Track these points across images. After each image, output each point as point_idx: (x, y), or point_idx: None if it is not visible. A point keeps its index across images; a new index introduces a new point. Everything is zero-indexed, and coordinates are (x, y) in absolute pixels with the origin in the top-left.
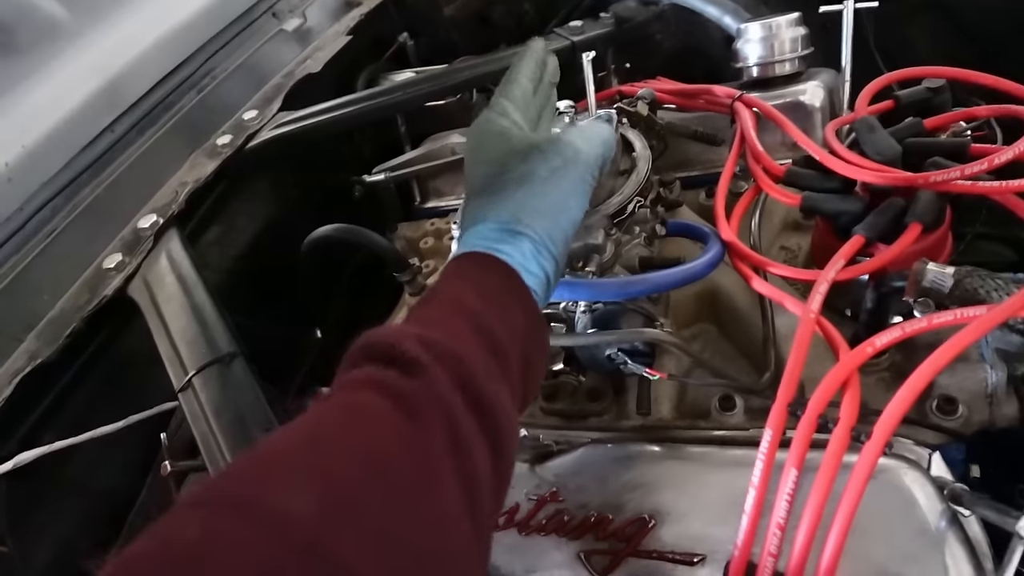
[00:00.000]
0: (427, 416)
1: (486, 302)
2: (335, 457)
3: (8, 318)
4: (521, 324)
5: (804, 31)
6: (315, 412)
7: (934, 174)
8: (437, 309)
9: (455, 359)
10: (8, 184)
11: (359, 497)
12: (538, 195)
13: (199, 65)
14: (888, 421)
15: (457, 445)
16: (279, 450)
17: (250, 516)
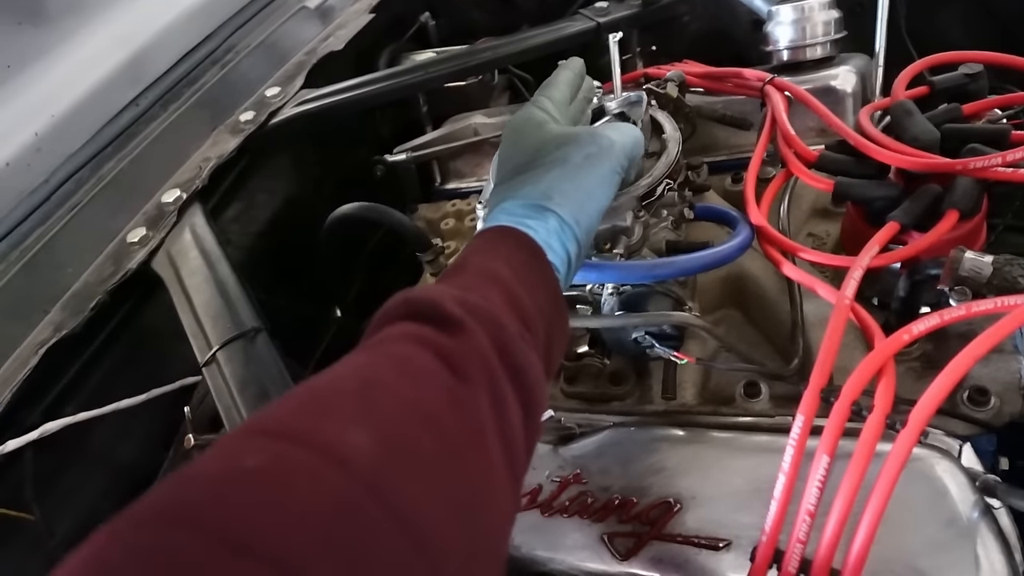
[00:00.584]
0: (472, 375)
1: (516, 275)
2: (388, 403)
3: (34, 290)
4: (544, 302)
5: (837, 14)
6: (364, 358)
7: (974, 160)
8: (471, 277)
9: (494, 323)
10: (37, 154)
11: (413, 443)
12: (570, 179)
13: (222, 40)
14: (924, 410)
15: (498, 405)
16: (334, 390)
17: (314, 447)
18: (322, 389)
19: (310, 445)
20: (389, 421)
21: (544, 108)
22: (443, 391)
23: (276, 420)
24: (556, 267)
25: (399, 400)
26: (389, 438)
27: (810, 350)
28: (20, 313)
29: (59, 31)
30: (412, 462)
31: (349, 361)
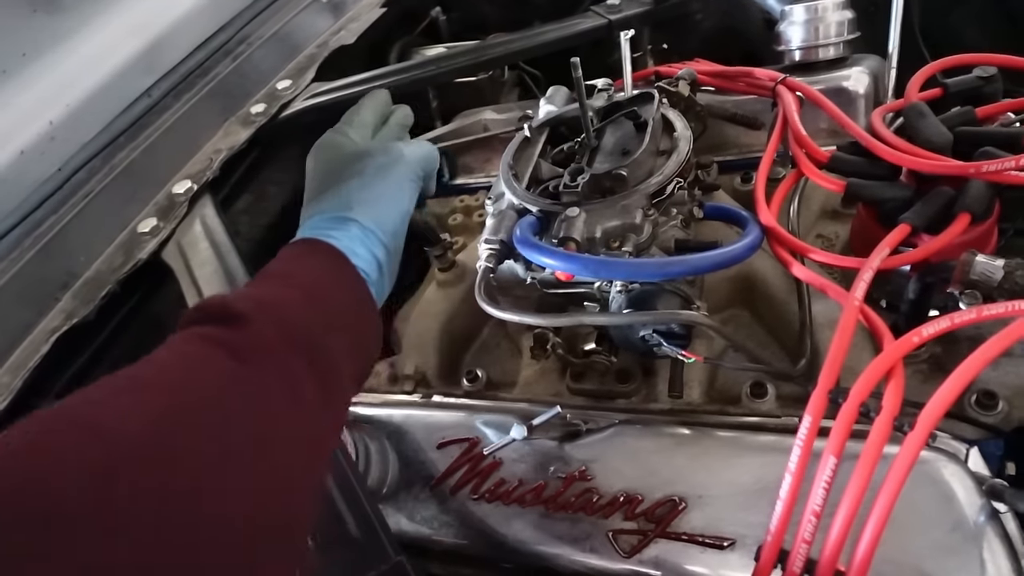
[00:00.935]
0: (254, 358)
1: (315, 279)
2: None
3: (45, 277)
4: (349, 301)
5: (851, 15)
6: (149, 360)
7: (988, 163)
8: (268, 281)
9: (280, 313)
10: (51, 142)
11: (195, 423)
12: (366, 188)
13: (235, 32)
14: (933, 412)
15: (287, 381)
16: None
17: (82, 428)
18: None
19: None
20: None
21: (343, 132)
22: (220, 373)
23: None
24: (363, 269)
25: (172, 384)
26: (168, 421)
27: (817, 351)
28: (32, 300)
29: (74, 19)
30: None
31: (135, 365)
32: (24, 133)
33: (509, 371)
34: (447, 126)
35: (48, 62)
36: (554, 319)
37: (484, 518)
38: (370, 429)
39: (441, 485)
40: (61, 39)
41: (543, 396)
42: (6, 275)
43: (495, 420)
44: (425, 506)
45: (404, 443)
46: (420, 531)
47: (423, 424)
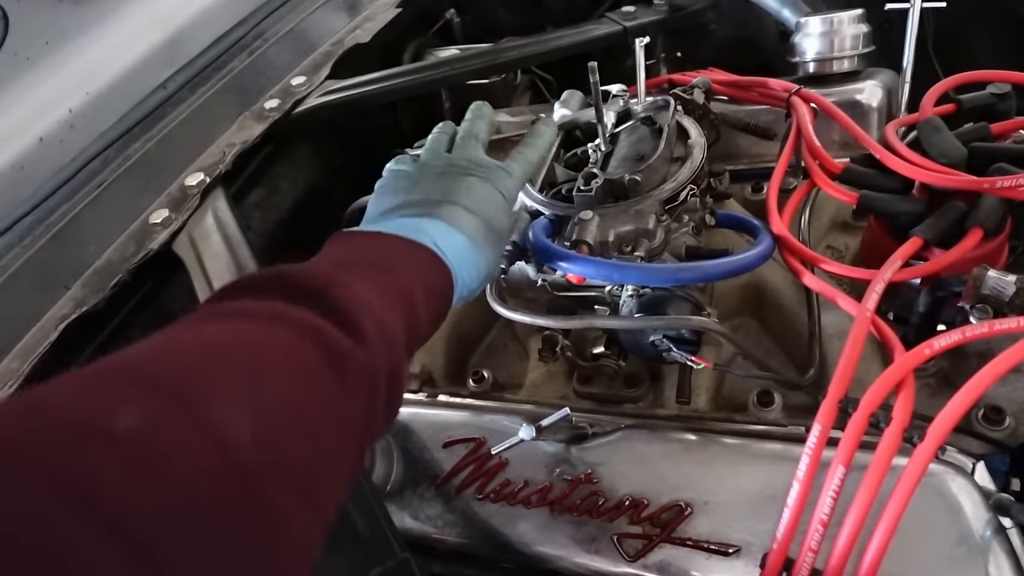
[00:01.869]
0: (356, 388)
1: (418, 295)
2: (272, 395)
3: (56, 265)
4: (435, 323)
5: (866, 28)
6: (258, 331)
7: (1002, 179)
8: (378, 288)
9: (395, 348)
10: (71, 131)
11: (288, 447)
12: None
13: (251, 27)
14: (943, 425)
15: (369, 420)
16: (223, 358)
17: (196, 419)
18: (212, 349)
19: (193, 418)
20: (271, 417)
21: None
22: (326, 399)
23: (159, 371)
24: (456, 275)
25: (285, 398)
26: (268, 435)
27: (825, 361)
28: (43, 286)
29: (99, 9)
30: (285, 461)
31: (241, 326)
32: (44, 120)
33: (515, 373)
34: None
35: (71, 51)
36: (565, 321)
37: (489, 518)
38: None
39: (446, 484)
40: (85, 29)
41: (550, 398)
42: (18, 262)
43: (501, 421)
44: (429, 504)
45: (409, 441)
46: (424, 529)
47: (429, 423)
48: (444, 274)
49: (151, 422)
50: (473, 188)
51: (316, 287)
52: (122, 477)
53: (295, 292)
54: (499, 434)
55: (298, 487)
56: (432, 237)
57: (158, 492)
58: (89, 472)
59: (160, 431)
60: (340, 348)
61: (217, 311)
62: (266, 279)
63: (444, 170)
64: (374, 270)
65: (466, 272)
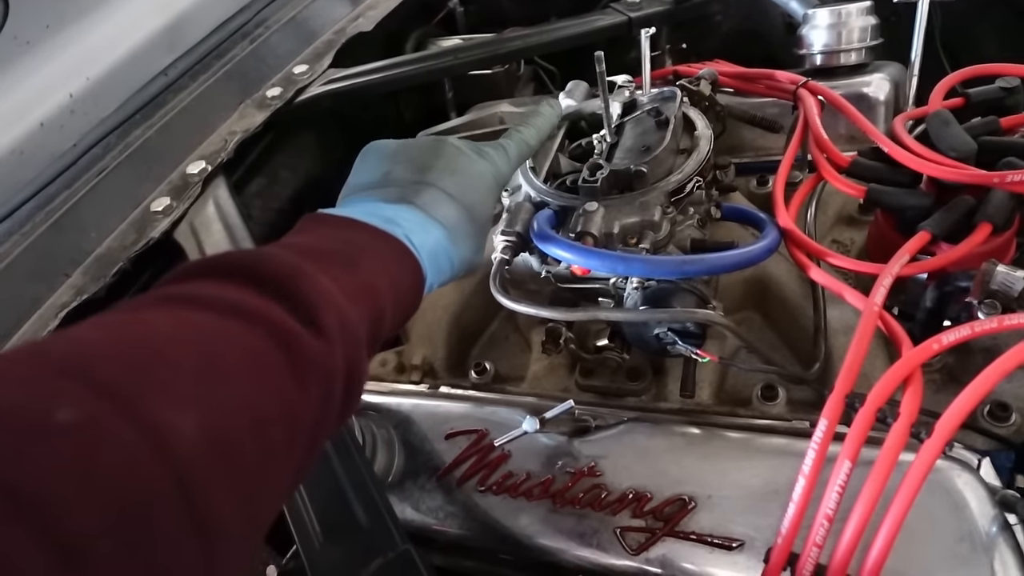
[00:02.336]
0: (311, 386)
1: (395, 295)
2: (223, 392)
3: (56, 252)
4: (402, 319)
5: (874, 21)
6: (212, 324)
7: (1012, 173)
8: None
9: (356, 346)
10: (71, 116)
11: (236, 447)
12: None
13: (253, 14)
14: (950, 420)
15: (323, 418)
16: (173, 356)
17: (137, 421)
18: (163, 341)
19: (133, 416)
20: (219, 415)
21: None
22: (279, 397)
23: (103, 367)
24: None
25: (236, 396)
26: (214, 436)
27: (830, 356)
28: (43, 274)
29: None
30: (228, 468)
31: (198, 316)
32: (45, 105)
33: (517, 365)
34: (463, 117)
35: (72, 35)
36: (570, 313)
37: (490, 510)
38: (377, 417)
39: (447, 476)
40: (85, 12)
41: (552, 391)
42: (17, 249)
43: (503, 413)
44: (431, 496)
45: (411, 433)
46: (425, 521)
47: (430, 414)
48: (414, 271)
49: (88, 420)
50: (460, 166)
51: (281, 277)
52: (55, 477)
53: (259, 281)
54: (501, 426)
55: (240, 488)
56: (406, 230)
57: (91, 495)
58: (22, 471)
59: (96, 431)
60: (299, 344)
61: (175, 295)
62: (231, 263)
63: (432, 143)
64: (341, 264)
65: (438, 266)
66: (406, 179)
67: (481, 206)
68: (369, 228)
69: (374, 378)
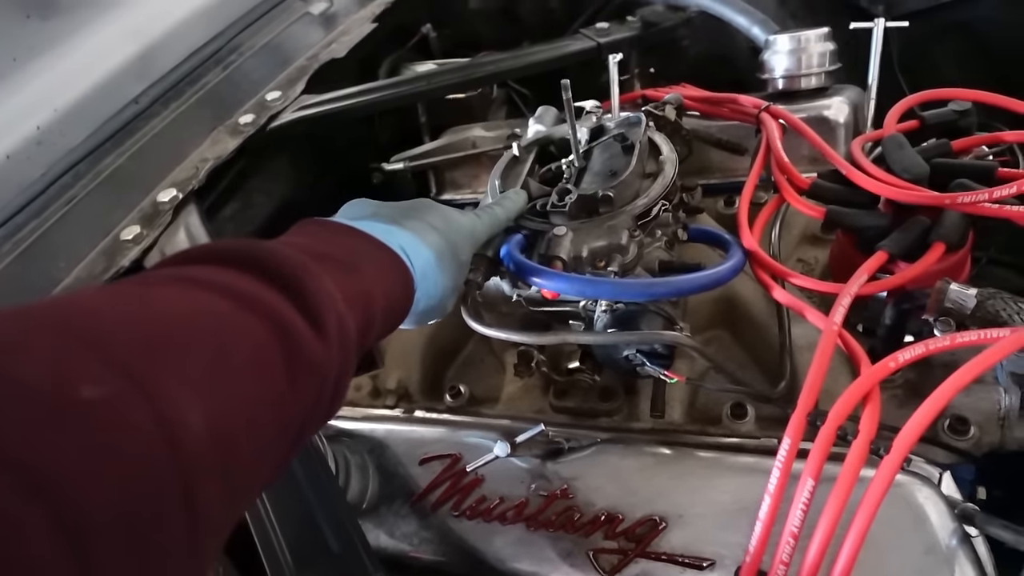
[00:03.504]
0: (304, 386)
1: (387, 304)
2: (230, 386)
3: (25, 282)
4: (388, 330)
5: (833, 46)
6: (223, 310)
7: (963, 195)
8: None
9: (349, 352)
10: (38, 147)
11: (236, 445)
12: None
13: (226, 41)
14: (908, 436)
15: (309, 419)
16: (187, 338)
17: (154, 409)
18: (173, 325)
19: (151, 402)
20: (224, 411)
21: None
22: (274, 396)
23: (122, 343)
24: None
25: (241, 391)
26: (217, 432)
27: (796, 373)
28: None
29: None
30: (225, 466)
31: (210, 300)
32: (10, 137)
33: (492, 387)
34: (436, 141)
35: (39, 67)
36: (539, 337)
37: (465, 535)
38: (351, 443)
39: (422, 501)
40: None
41: (526, 413)
42: None
43: (477, 436)
44: (405, 522)
45: (385, 458)
46: (399, 547)
47: (405, 439)
48: (406, 283)
49: (108, 402)
50: (443, 211)
51: (290, 273)
52: (73, 463)
53: (269, 273)
54: (475, 450)
55: (228, 482)
56: (400, 242)
57: (106, 482)
58: (43, 450)
59: (116, 415)
60: (302, 344)
61: (186, 276)
62: (240, 251)
63: (416, 203)
64: (341, 266)
65: (428, 286)
66: (394, 214)
67: (461, 247)
68: (368, 237)
69: (349, 403)
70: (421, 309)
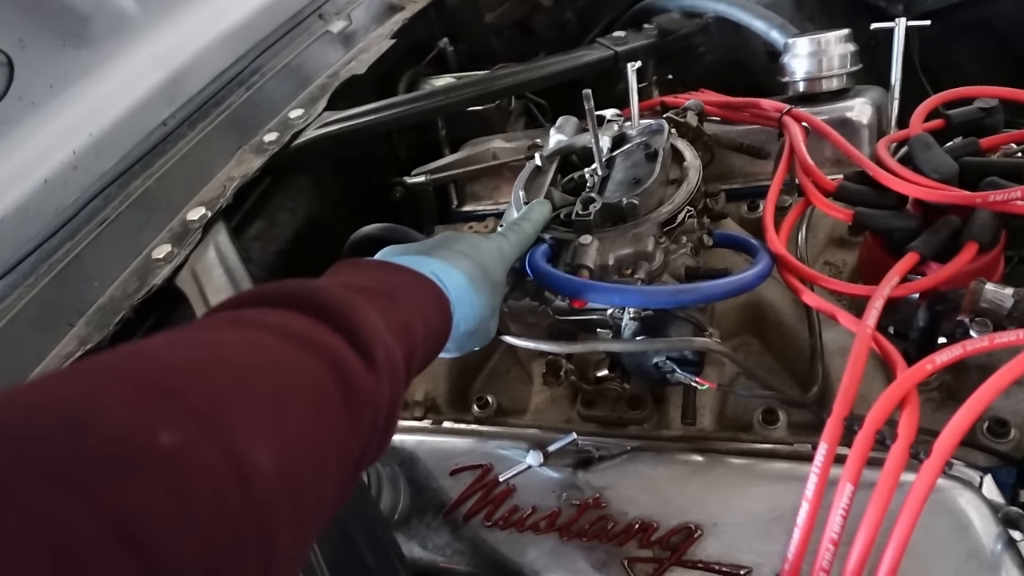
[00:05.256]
0: (360, 419)
1: (426, 336)
2: (293, 425)
3: (60, 303)
4: (428, 360)
5: (853, 47)
6: (280, 353)
7: (994, 193)
8: (388, 318)
9: (398, 373)
10: (73, 171)
11: (302, 483)
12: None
13: (249, 62)
14: (948, 439)
15: (365, 450)
16: (250, 383)
17: (227, 452)
18: (240, 367)
19: (224, 447)
20: (290, 450)
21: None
22: (335, 431)
23: (194, 388)
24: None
25: (304, 429)
26: (286, 470)
27: (828, 378)
28: (47, 325)
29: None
30: (294, 505)
31: (266, 342)
32: (48, 162)
33: (519, 398)
34: (456, 154)
35: (74, 93)
36: (569, 346)
37: (497, 545)
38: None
39: (454, 512)
40: (88, 71)
41: (554, 423)
42: (22, 301)
43: (507, 446)
44: (438, 533)
45: (416, 470)
46: (432, 559)
47: (435, 450)
48: (444, 310)
49: (187, 449)
50: (468, 238)
51: (338, 309)
52: (159, 507)
53: (318, 310)
54: (505, 460)
55: (298, 522)
56: (432, 268)
57: (187, 527)
58: (130, 499)
59: (194, 458)
60: (356, 379)
61: (241, 319)
62: (289, 292)
63: (442, 236)
64: (383, 299)
65: (464, 309)
66: (423, 248)
67: (492, 268)
68: (403, 269)
69: None
70: (461, 333)
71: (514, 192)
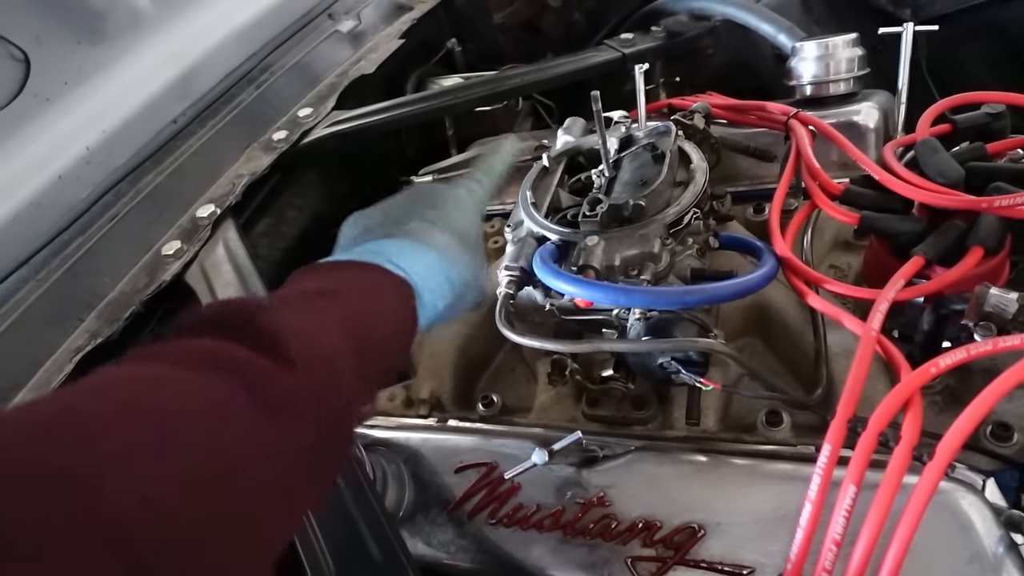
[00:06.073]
0: (283, 415)
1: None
2: (187, 445)
3: (71, 297)
4: (394, 342)
5: (861, 51)
6: (167, 379)
7: (1000, 198)
8: (318, 318)
9: (326, 371)
10: (87, 167)
11: (218, 497)
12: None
13: (259, 61)
14: (952, 442)
15: (315, 445)
16: (124, 414)
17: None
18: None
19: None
20: (197, 466)
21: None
22: (252, 438)
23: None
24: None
25: (205, 447)
26: (196, 489)
27: (832, 380)
28: (58, 319)
29: (116, 49)
30: (222, 507)
31: (154, 372)
32: (62, 158)
33: (524, 396)
34: (464, 154)
35: (88, 90)
36: (575, 345)
37: (501, 543)
38: (386, 452)
39: (458, 509)
40: (102, 68)
41: (559, 422)
42: (33, 295)
43: (512, 445)
44: (442, 530)
45: (420, 467)
46: (436, 555)
47: (439, 448)
48: (400, 291)
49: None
50: (437, 199)
51: (242, 318)
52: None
53: (220, 325)
54: (510, 458)
55: (238, 536)
56: (388, 255)
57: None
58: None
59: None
60: (266, 380)
61: (140, 355)
62: (195, 314)
63: (406, 191)
64: (321, 299)
65: (435, 285)
66: (389, 219)
67: (467, 228)
68: (350, 264)
69: (382, 413)
70: (442, 305)
71: (521, 192)
